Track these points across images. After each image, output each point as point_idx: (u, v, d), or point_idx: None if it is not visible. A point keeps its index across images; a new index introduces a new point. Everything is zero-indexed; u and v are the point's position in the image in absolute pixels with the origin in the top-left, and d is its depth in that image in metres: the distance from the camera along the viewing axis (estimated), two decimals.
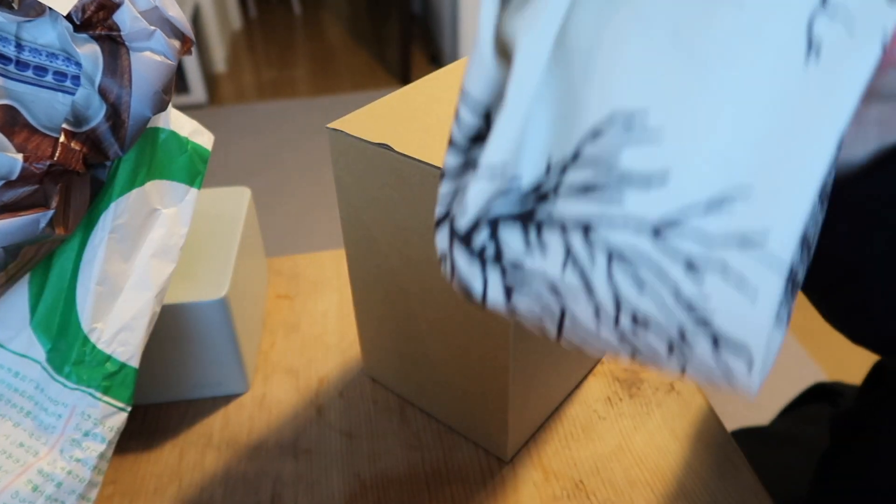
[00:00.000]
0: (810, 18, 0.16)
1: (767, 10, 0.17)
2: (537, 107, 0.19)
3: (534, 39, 0.18)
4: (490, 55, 0.19)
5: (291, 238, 1.96)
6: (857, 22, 0.16)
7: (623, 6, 0.18)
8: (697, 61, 0.17)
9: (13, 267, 0.33)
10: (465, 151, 0.21)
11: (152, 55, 0.33)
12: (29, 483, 0.34)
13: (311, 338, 0.54)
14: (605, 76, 0.18)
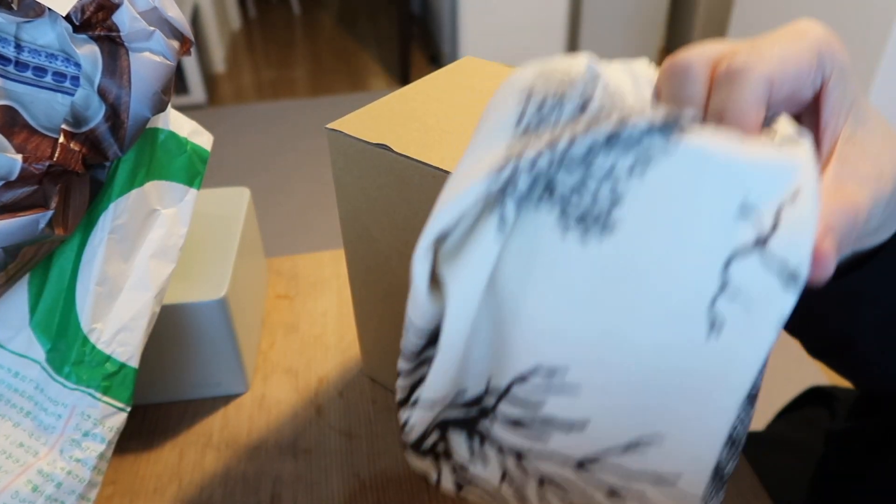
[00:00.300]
0: (712, 299, 0.17)
1: (671, 287, 0.18)
2: (477, 333, 0.21)
3: (463, 290, 0.19)
4: (425, 294, 0.21)
5: (291, 238, 1.96)
6: (756, 304, 0.17)
7: (540, 270, 0.19)
8: (611, 327, 0.18)
9: (13, 267, 0.33)
10: (414, 363, 0.23)
11: (151, 56, 0.33)
12: (29, 483, 0.34)
13: (310, 338, 0.54)
14: (529, 328, 0.19)
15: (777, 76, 0.21)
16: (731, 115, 0.21)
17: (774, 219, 0.17)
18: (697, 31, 2.81)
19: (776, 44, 0.22)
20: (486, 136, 0.20)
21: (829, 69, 0.22)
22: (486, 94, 0.39)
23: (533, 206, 0.18)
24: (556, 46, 2.63)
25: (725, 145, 0.17)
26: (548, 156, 0.17)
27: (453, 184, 0.19)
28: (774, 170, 0.17)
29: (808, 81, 0.22)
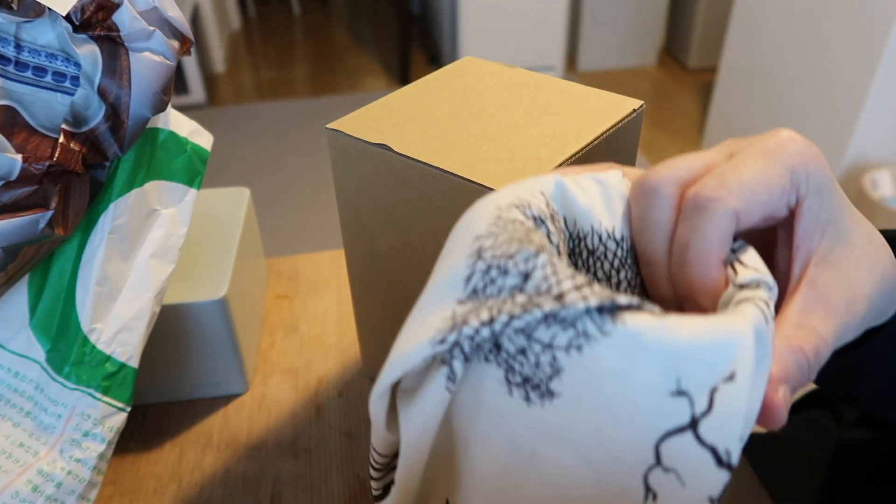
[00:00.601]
0: (646, 471, 0.18)
1: (607, 457, 0.18)
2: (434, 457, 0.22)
3: (416, 433, 0.21)
4: (383, 429, 0.22)
5: (291, 238, 1.96)
6: (690, 478, 0.18)
7: (487, 419, 0.20)
8: (551, 482, 0.19)
9: (12, 267, 0.33)
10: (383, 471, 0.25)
11: (151, 55, 0.33)
12: (29, 483, 0.34)
13: (310, 338, 0.54)
14: (477, 469, 0.21)
15: (744, 208, 0.21)
16: (693, 249, 0.21)
17: (709, 400, 0.17)
18: (697, 31, 2.81)
19: (747, 168, 0.21)
20: (439, 287, 0.21)
21: (804, 190, 0.22)
22: (486, 94, 0.39)
23: (482, 360, 0.19)
24: (556, 46, 2.63)
25: (661, 329, 0.17)
26: (488, 329, 0.18)
27: (405, 337, 0.20)
28: (709, 353, 0.17)
29: (781, 203, 0.22)
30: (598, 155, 0.36)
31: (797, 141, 0.22)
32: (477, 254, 0.20)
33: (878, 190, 1.67)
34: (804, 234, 0.23)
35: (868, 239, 0.24)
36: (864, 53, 1.57)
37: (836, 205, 0.23)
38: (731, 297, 0.20)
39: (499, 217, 0.21)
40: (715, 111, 2.28)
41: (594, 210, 0.23)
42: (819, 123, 1.76)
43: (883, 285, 0.24)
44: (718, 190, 0.21)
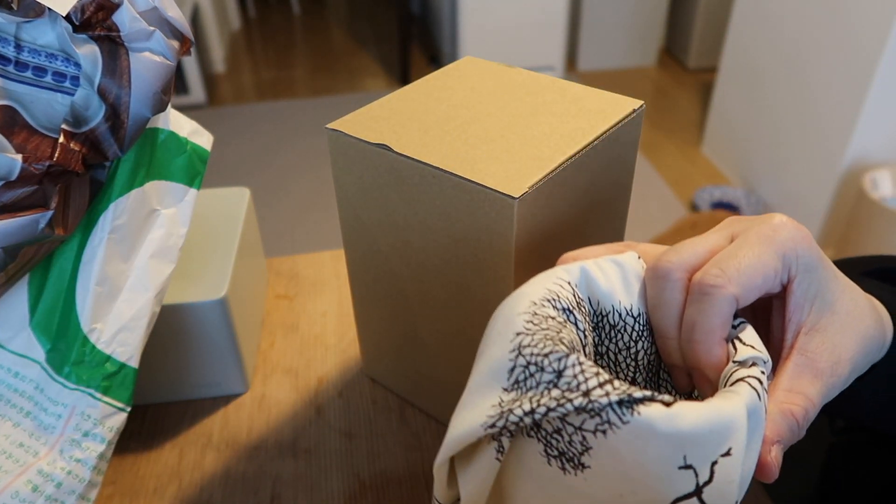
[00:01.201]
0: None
1: None
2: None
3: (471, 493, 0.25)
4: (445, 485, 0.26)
5: (291, 238, 1.96)
6: None
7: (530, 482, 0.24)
8: None
9: (13, 267, 0.33)
10: None
11: (151, 56, 0.33)
12: (29, 483, 0.34)
13: (310, 338, 0.54)
14: None
15: (742, 293, 0.24)
16: (699, 329, 0.25)
17: (710, 472, 0.21)
18: (697, 31, 2.81)
19: (745, 256, 0.25)
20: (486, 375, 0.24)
21: (794, 269, 0.26)
22: (485, 94, 0.39)
23: (524, 436, 0.24)
24: (556, 46, 2.63)
25: (669, 417, 0.21)
26: (530, 418, 0.22)
27: (461, 419, 0.24)
28: (710, 435, 0.21)
29: (775, 283, 0.25)
30: (598, 155, 0.36)
31: (789, 225, 0.26)
32: (518, 349, 0.23)
33: (878, 190, 1.67)
34: (795, 307, 0.26)
35: (853, 304, 0.27)
36: (863, 53, 1.57)
37: (823, 278, 0.26)
38: (731, 372, 0.24)
39: (534, 314, 0.24)
40: (715, 111, 2.28)
41: (614, 291, 0.27)
42: (819, 123, 1.76)
43: (865, 345, 0.27)
44: (720, 278, 0.24)
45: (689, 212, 2.08)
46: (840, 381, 0.26)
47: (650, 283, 0.27)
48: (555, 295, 0.25)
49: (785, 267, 0.25)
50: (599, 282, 0.27)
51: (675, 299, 0.26)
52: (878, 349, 0.29)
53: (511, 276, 0.33)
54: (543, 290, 0.26)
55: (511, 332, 0.24)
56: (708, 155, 2.36)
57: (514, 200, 0.30)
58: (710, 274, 0.25)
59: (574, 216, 0.36)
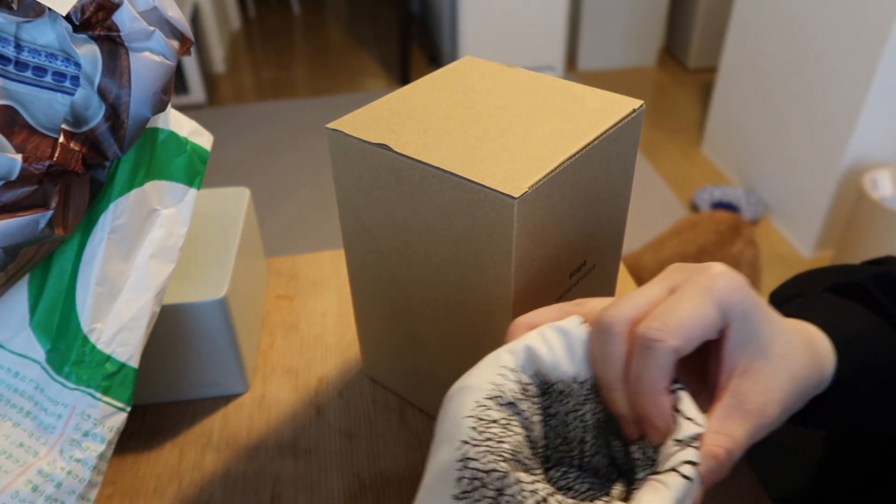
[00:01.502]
0: None
1: None
2: None
3: None
4: None
5: (291, 238, 1.96)
6: None
7: None
8: None
9: (13, 267, 0.33)
10: None
11: (151, 55, 0.33)
12: (29, 483, 0.34)
13: (310, 338, 0.54)
14: None
15: (682, 345, 0.26)
16: (644, 381, 0.26)
17: None
18: (697, 31, 2.81)
19: (684, 308, 0.27)
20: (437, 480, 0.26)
21: (730, 317, 0.27)
22: (485, 94, 0.39)
23: None
24: (556, 46, 2.63)
25: None
26: None
27: None
28: None
29: (713, 332, 0.27)
30: (598, 155, 0.36)
31: (726, 275, 0.28)
32: (464, 461, 0.25)
33: (878, 190, 1.67)
34: (730, 352, 0.28)
35: (787, 347, 0.29)
36: (863, 53, 1.57)
37: (758, 323, 0.28)
38: (670, 453, 0.26)
39: (479, 418, 0.26)
40: (715, 111, 2.28)
41: (559, 363, 0.29)
42: (819, 123, 1.76)
43: (796, 385, 0.29)
44: (661, 332, 0.26)
45: (689, 212, 2.08)
46: (769, 421, 0.28)
47: (595, 337, 0.28)
48: (498, 391, 0.27)
49: (722, 315, 0.27)
50: (544, 357, 0.28)
51: (617, 352, 0.27)
52: (813, 387, 0.31)
53: (511, 276, 0.33)
54: (488, 387, 0.27)
55: (457, 440, 0.25)
56: (708, 155, 2.36)
57: (514, 200, 0.30)
58: (651, 328, 0.26)
59: (574, 216, 0.36)
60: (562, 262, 0.37)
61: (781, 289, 0.45)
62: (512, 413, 0.27)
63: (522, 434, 0.27)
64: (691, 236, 1.47)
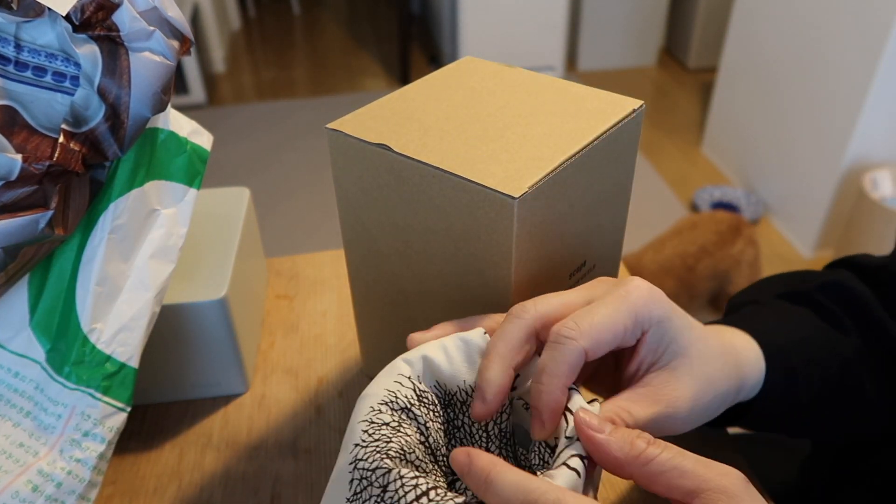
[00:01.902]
0: None
1: None
2: None
3: None
4: None
5: (291, 238, 1.96)
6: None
7: None
8: None
9: (12, 267, 0.33)
10: None
11: (151, 55, 0.33)
12: (29, 483, 0.34)
13: (310, 338, 0.54)
14: None
15: (591, 347, 0.27)
16: (547, 373, 0.27)
17: None
18: (697, 31, 2.81)
19: (599, 314, 0.28)
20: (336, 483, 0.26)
21: (647, 325, 0.29)
22: (485, 94, 0.39)
23: None
24: (556, 46, 2.63)
25: None
26: None
27: None
28: None
29: (626, 339, 0.29)
30: (598, 155, 0.36)
31: (643, 287, 0.29)
32: (355, 462, 0.26)
33: (878, 190, 1.67)
34: (647, 352, 0.29)
35: (705, 351, 0.30)
36: (864, 53, 1.57)
37: (676, 328, 0.29)
38: (561, 449, 0.26)
39: (371, 422, 0.26)
40: (715, 111, 2.28)
41: (458, 372, 0.29)
42: (819, 123, 1.76)
43: (712, 388, 0.30)
44: (574, 331, 0.27)
45: (690, 212, 2.08)
46: (677, 415, 0.29)
47: (505, 319, 0.30)
48: (393, 396, 0.27)
49: (637, 324, 0.28)
50: (442, 367, 0.29)
51: (514, 332, 0.29)
52: (732, 393, 0.32)
53: (511, 276, 0.33)
54: (383, 392, 0.27)
55: (351, 443, 0.26)
56: (708, 155, 2.36)
57: (514, 200, 0.30)
58: (566, 327, 0.28)
59: (574, 216, 0.36)
60: (562, 262, 0.37)
61: (738, 295, 0.46)
62: (406, 417, 0.27)
63: (416, 437, 0.27)
64: (691, 236, 1.47)
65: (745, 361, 0.34)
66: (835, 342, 0.39)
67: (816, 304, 0.40)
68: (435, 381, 0.29)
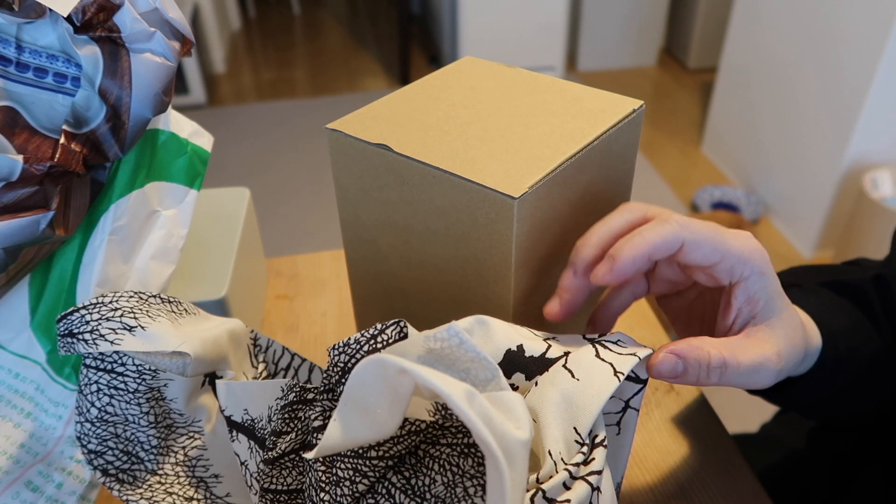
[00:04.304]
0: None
1: None
2: None
3: None
4: None
5: (291, 238, 1.96)
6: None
7: None
8: None
9: (13, 268, 0.33)
10: None
11: (152, 56, 0.33)
12: (29, 484, 0.34)
13: (310, 338, 0.54)
14: None
15: (690, 248, 0.30)
16: (643, 236, 0.29)
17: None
18: (697, 31, 2.81)
19: (708, 226, 0.30)
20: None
21: (746, 271, 0.30)
22: (486, 94, 0.40)
23: None
24: (556, 46, 2.63)
25: None
26: None
27: None
28: None
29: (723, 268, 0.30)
30: (598, 155, 0.36)
31: (753, 239, 0.31)
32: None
33: (878, 190, 1.67)
34: (743, 304, 0.31)
35: (792, 318, 0.32)
36: (864, 53, 1.57)
37: (773, 287, 0.31)
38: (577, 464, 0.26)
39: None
40: (715, 111, 2.28)
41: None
42: (819, 123, 1.76)
43: (792, 353, 0.32)
44: (683, 224, 0.29)
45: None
46: (770, 369, 0.31)
47: (616, 214, 0.32)
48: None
49: (737, 262, 0.30)
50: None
51: (619, 220, 0.32)
52: (798, 362, 0.34)
53: (511, 276, 0.33)
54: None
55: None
56: (708, 155, 2.36)
57: (514, 200, 0.30)
58: (678, 218, 0.30)
59: (574, 216, 0.36)
60: (562, 262, 0.37)
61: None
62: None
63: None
64: None
65: (811, 338, 0.36)
66: (869, 334, 0.41)
67: (858, 297, 0.42)
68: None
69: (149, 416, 0.31)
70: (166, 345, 0.30)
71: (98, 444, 0.30)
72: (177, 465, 0.31)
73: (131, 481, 0.30)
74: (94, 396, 0.30)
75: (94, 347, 0.28)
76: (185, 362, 0.31)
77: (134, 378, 0.30)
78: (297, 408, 0.29)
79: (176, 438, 0.32)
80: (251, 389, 0.30)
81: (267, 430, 0.29)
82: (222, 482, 0.32)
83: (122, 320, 0.30)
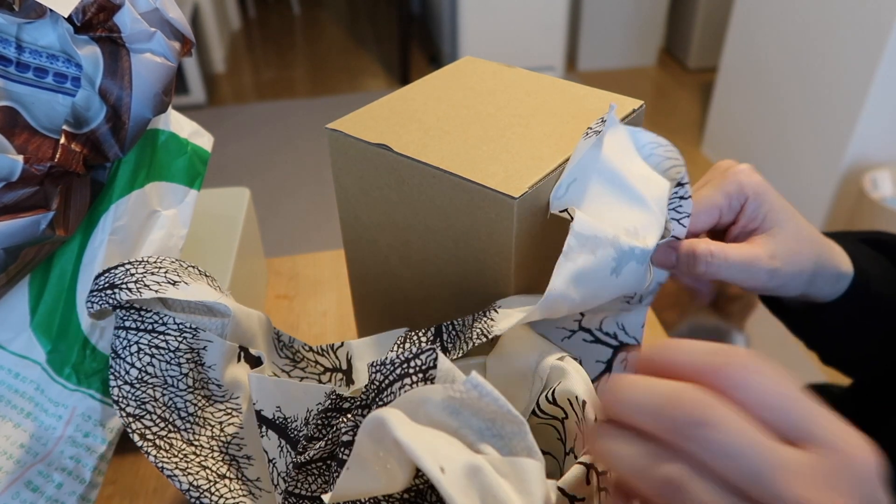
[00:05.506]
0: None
1: None
2: None
3: None
4: None
5: (291, 238, 1.96)
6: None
7: None
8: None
9: (13, 268, 0.33)
10: None
11: (152, 57, 0.33)
12: (29, 484, 0.34)
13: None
14: None
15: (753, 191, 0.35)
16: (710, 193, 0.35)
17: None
18: (697, 31, 2.81)
19: (702, 193, 0.35)
20: None
21: (747, 194, 0.34)
22: (486, 94, 0.40)
23: None
24: (556, 46, 2.63)
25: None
26: None
27: None
28: None
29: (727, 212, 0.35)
30: None
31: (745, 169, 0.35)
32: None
33: (878, 190, 1.67)
34: (748, 219, 0.35)
35: (798, 233, 0.35)
36: (864, 53, 1.57)
37: (773, 202, 0.35)
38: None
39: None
40: (715, 111, 2.28)
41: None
42: (819, 123, 1.76)
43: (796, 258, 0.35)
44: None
45: None
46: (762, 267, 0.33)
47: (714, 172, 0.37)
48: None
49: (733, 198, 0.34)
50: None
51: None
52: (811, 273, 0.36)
53: (511, 276, 0.33)
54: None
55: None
56: (708, 155, 2.36)
57: (514, 200, 0.30)
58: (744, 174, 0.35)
59: None
60: None
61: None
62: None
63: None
64: None
65: (842, 261, 0.38)
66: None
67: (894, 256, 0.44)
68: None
69: (187, 378, 0.31)
70: (208, 297, 0.31)
71: (136, 406, 0.30)
72: (212, 440, 0.31)
73: (167, 448, 0.30)
74: (135, 357, 0.30)
75: (138, 294, 0.29)
76: (223, 322, 0.32)
77: (175, 336, 0.31)
78: (331, 415, 0.29)
79: (213, 413, 0.32)
80: (288, 388, 0.30)
81: (302, 433, 0.30)
82: (254, 465, 0.32)
83: (166, 276, 0.31)
